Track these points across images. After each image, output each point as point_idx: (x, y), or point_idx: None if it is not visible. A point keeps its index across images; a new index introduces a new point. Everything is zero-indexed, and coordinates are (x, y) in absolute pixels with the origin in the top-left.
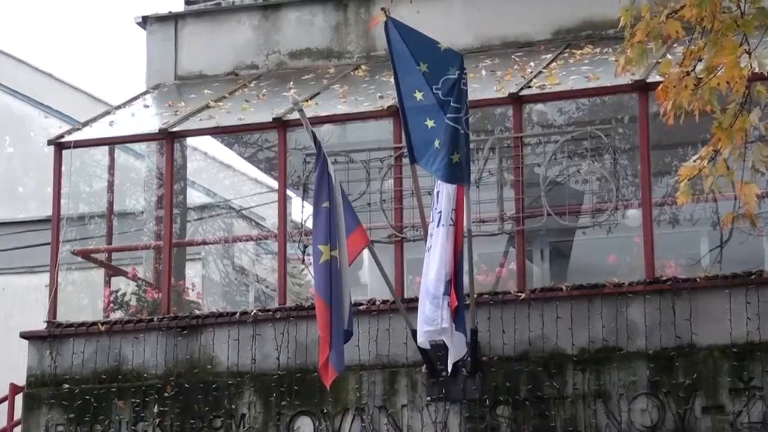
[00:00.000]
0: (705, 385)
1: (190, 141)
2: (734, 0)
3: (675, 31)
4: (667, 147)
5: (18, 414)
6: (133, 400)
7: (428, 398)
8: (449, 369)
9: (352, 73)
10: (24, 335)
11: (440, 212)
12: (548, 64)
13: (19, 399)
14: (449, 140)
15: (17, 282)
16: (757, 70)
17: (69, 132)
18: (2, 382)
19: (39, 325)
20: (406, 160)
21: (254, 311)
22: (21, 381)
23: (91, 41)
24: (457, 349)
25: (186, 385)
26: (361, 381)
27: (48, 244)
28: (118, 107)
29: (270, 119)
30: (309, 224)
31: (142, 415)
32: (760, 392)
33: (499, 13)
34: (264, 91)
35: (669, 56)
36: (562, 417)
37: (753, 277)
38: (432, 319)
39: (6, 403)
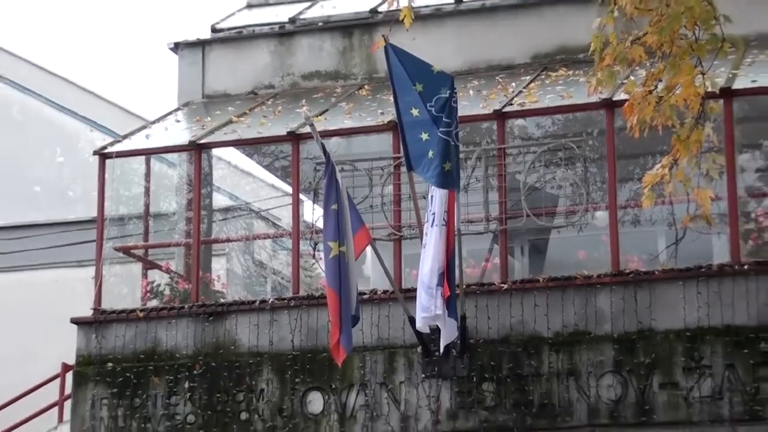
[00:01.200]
0: (662, 364)
1: (216, 152)
2: (689, 27)
3: (638, 55)
4: (631, 157)
5: (68, 389)
6: (166, 377)
7: (423, 375)
8: (441, 350)
9: (356, 92)
10: (74, 321)
11: (434, 214)
12: (527, 85)
13: (69, 376)
14: (441, 151)
15: (67, 274)
16: (710, 89)
17: (111, 144)
18: (55, 361)
19: (86, 312)
20: (403, 169)
21: (271, 300)
22: (71, 361)
23: (130, 63)
24: (448, 333)
25: (212, 364)
26: (364, 361)
27: (93, 241)
28: (153, 122)
29: (285, 133)
30: (319, 224)
31: (175, 390)
32: (709, 370)
33: (484, 40)
34: (279, 108)
35: (633, 77)
36: (539, 392)
37: (703, 270)
38: (427, 307)
39: (58, 380)
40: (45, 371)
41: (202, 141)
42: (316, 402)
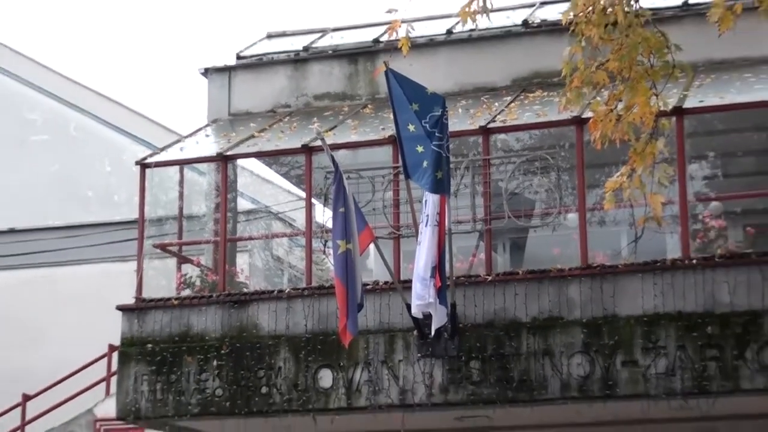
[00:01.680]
0: (624, 345)
1: (240, 162)
2: (646, 55)
3: (602, 79)
4: (596, 166)
5: (114, 367)
6: (198, 356)
7: (418, 355)
8: (432, 332)
9: (361, 111)
10: (119, 308)
11: (428, 215)
12: (508, 104)
13: (114, 356)
14: (434, 161)
15: (112, 268)
16: (662, 108)
17: (150, 155)
18: (103, 343)
19: (129, 300)
20: (402, 176)
21: (288, 290)
22: (116, 342)
23: (167, 85)
24: (439, 318)
25: (237, 345)
26: (368, 342)
27: (135, 239)
28: (186, 136)
29: (299, 146)
30: (329, 224)
31: (205, 367)
32: (664, 351)
33: (471, 66)
34: (294, 124)
35: (598, 98)
36: (518, 369)
37: (658, 264)
38: (421, 296)
39: (106, 359)
40: (94, 351)
41: (228, 153)
42: (326, 378)
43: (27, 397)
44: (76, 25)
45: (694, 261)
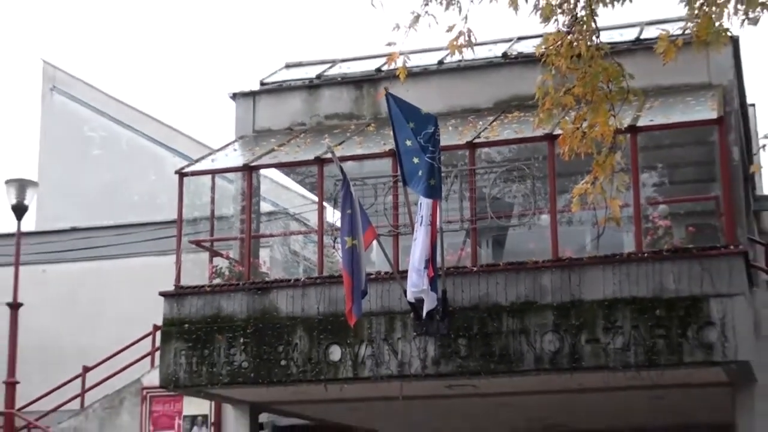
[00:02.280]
0: (588, 325)
1: (262, 171)
2: (605, 82)
3: (569, 102)
4: (565, 175)
5: (157, 343)
6: (227, 334)
7: (414, 333)
8: (424, 315)
9: (365, 128)
10: (161, 294)
11: (422, 216)
12: (491, 123)
13: (158, 335)
14: (428, 171)
15: (156, 261)
16: (619, 127)
17: (187, 166)
18: (148, 323)
19: (170, 287)
20: (400, 183)
21: (303, 279)
22: (159, 323)
23: (202, 107)
24: (430, 302)
25: (260, 325)
26: (371, 323)
27: (174, 236)
28: (217, 150)
29: (313, 158)
30: (338, 224)
31: (233, 344)
32: (621, 330)
33: (459, 91)
34: (308, 140)
35: (566, 118)
36: (499, 345)
37: (616, 257)
38: (416, 284)
39: (150, 336)
40: (141, 330)
41: (252, 164)
42: (335, 353)
43: (86, 369)
44: (127, 55)
45: (646, 254)
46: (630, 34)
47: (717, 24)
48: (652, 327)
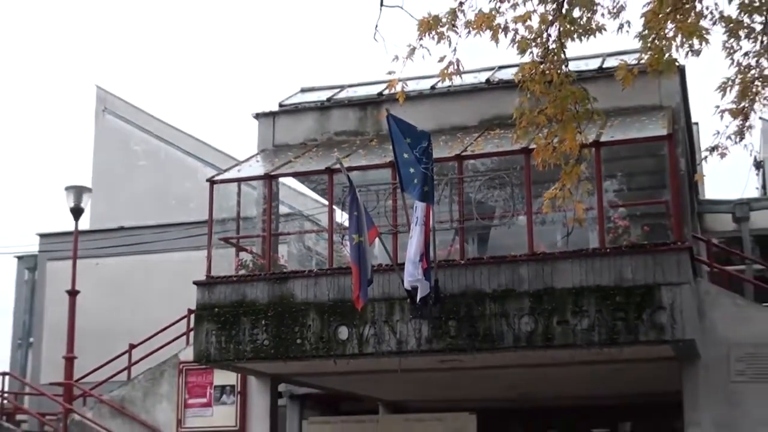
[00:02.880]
0: (558, 309)
1: (281, 180)
2: (573, 104)
3: (542, 121)
4: (539, 182)
5: (191, 324)
6: (250, 317)
7: (410, 316)
8: (418, 300)
9: (369, 143)
10: (195, 282)
11: (417, 217)
12: (476, 139)
13: (192, 317)
14: (422, 179)
15: (190, 255)
16: (584, 142)
17: (217, 174)
18: (184, 307)
19: (202, 277)
20: (398, 190)
21: (315, 270)
22: (193, 307)
23: (229, 124)
24: (423, 290)
25: (279, 309)
26: (374, 307)
27: (206, 234)
28: (242, 161)
29: (324, 168)
30: (346, 224)
31: (255, 325)
32: (587, 314)
33: (449, 111)
34: (320, 153)
35: (539, 134)
36: (483, 327)
37: (583, 252)
38: (412, 274)
39: (186, 319)
40: (178, 313)
41: (272, 173)
42: (343, 333)
43: (132, 346)
44: (166, 80)
45: (608, 250)
46: (594, 64)
47: (666, 55)
48: (613, 311)
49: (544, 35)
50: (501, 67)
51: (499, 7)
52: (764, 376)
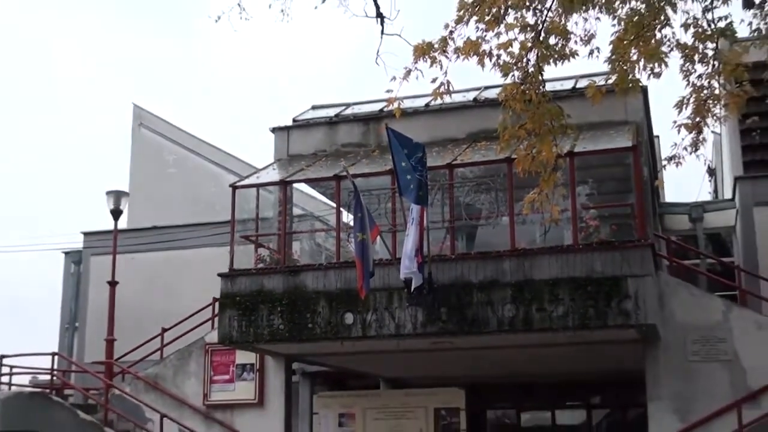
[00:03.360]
0: (537, 298)
1: (295, 185)
2: (549, 120)
3: (523, 134)
4: (520, 188)
5: (216, 311)
6: (268, 304)
7: (407, 304)
8: (412, 290)
9: (371, 153)
10: (219, 274)
11: (413, 218)
12: (464, 150)
13: (216, 305)
14: (418, 185)
15: (215, 251)
16: (560, 153)
17: (238, 181)
18: (209, 296)
19: (226, 270)
20: (397, 194)
21: (324, 264)
22: (217, 295)
23: (249, 137)
24: (417, 281)
25: (292, 298)
26: (375, 296)
27: (229, 232)
28: (261, 169)
29: (332, 175)
30: (351, 223)
31: (272, 312)
32: (562, 302)
33: (440, 126)
34: (329, 162)
35: (520, 146)
36: (471, 313)
37: (558, 248)
38: (408, 267)
39: (211, 306)
40: (205, 301)
41: (287, 179)
42: (349, 318)
43: (164, 330)
44: (193, 96)
45: (580, 246)
46: (568, 84)
47: (631, 77)
48: (585, 299)
49: (524, 60)
50: (486, 88)
51: (485, 36)
52: (714, 356)
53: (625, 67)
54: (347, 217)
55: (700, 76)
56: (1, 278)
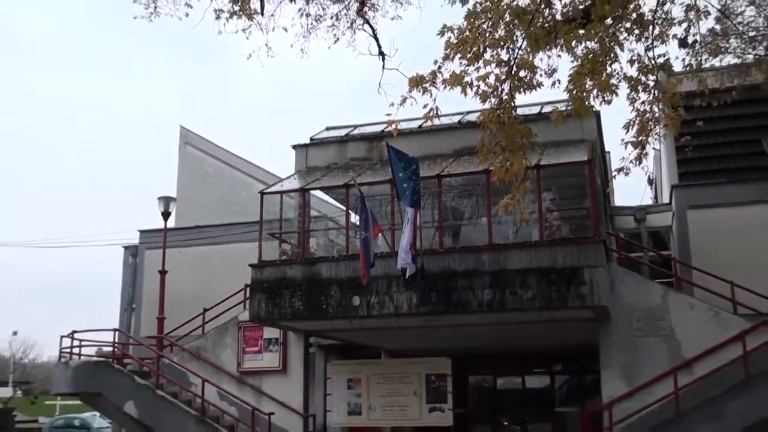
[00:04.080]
0: (510, 284)
1: (312, 192)
2: (520, 138)
3: (498, 150)
4: (496, 194)
5: (247, 294)
6: (290, 289)
7: (404, 289)
8: (407, 277)
9: (374, 166)
10: (250, 265)
11: (409, 219)
12: (450, 163)
13: (247, 290)
14: (412, 191)
15: (246, 246)
16: (528, 165)
17: (265, 188)
18: (242, 283)
19: (255, 261)
20: (395, 199)
21: (336, 256)
22: (248, 282)
23: (274, 151)
24: (411, 270)
25: (310, 284)
26: (377, 282)
27: (258, 230)
28: (284, 179)
29: (342, 184)
30: (357, 223)
31: (293, 295)
32: (531, 288)
33: (431, 144)
34: (340, 173)
35: (496, 160)
36: (456, 296)
37: (527, 243)
38: (404, 258)
39: (243, 291)
40: (238, 286)
41: (305, 187)
42: (356, 300)
43: (205, 310)
44: (229, 117)
45: (545, 242)
46: (535, 109)
47: (586, 103)
48: (549, 285)
49: (499, 89)
50: (468, 112)
51: (467, 70)
52: (655, 332)
53: (581, 96)
54: (355, 218)
55: (643, 102)
56: (73, 269)
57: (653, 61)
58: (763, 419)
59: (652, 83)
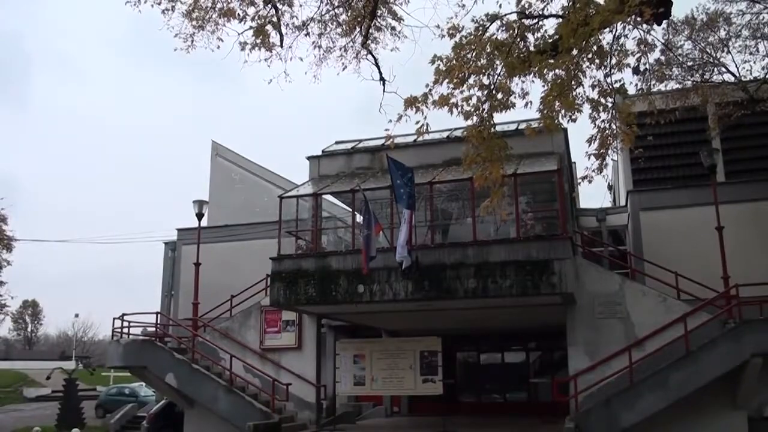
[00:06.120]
0: (491, 274)
1: (324, 196)
2: (498, 151)
3: (480, 160)
4: (479, 197)
5: (268, 283)
6: (305, 278)
7: (401, 278)
8: (404, 268)
9: (376, 175)
10: (271, 258)
11: (405, 219)
12: (440, 172)
13: (268, 279)
14: (408, 196)
15: (267, 242)
16: (506, 174)
17: (283, 193)
18: (263, 273)
19: (275, 255)
20: (394, 202)
21: (344, 250)
22: (269, 272)
23: (291, 162)
24: (407, 263)
25: (322, 274)
26: (379, 272)
27: (277, 229)
28: (300, 185)
29: (349, 189)
30: (361, 222)
31: (307, 284)
32: (509, 278)
33: (424, 155)
34: (347, 180)
35: (479, 169)
36: (445, 284)
37: (506, 240)
38: (401, 252)
39: (264, 280)
40: (260, 276)
41: (318, 192)
42: (361, 288)
43: (232, 296)
44: (252, 132)
45: (521, 238)
46: (512, 126)
47: (555, 121)
48: (525, 275)
49: (480, 109)
50: (455, 129)
51: (453, 92)
52: (613, 314)
53: (551, 115)
54: (360, 218)
55: (603, 120)
56: (122, 261)
57: (611, 86)
58: (697, 387)
59: (610, 104)
